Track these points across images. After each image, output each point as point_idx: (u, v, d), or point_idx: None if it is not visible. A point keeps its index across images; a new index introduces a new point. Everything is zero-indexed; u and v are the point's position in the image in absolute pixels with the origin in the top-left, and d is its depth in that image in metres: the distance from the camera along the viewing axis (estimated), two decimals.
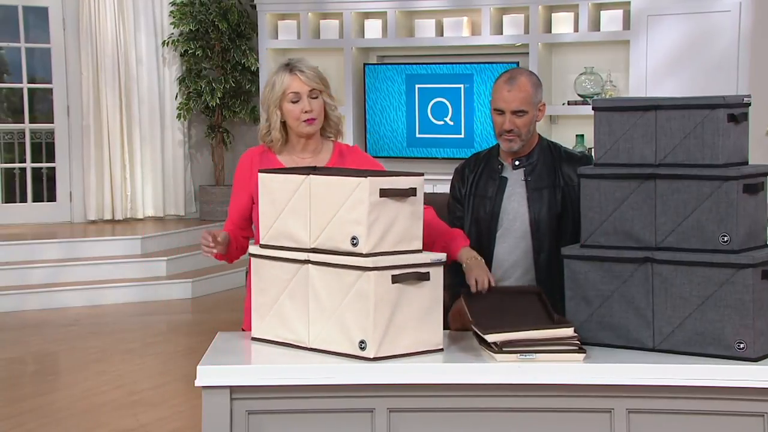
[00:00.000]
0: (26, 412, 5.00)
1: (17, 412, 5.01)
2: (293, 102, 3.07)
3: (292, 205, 2.78)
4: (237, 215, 3.17)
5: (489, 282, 2.96)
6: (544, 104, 3.22)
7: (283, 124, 3.11)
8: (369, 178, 2.63)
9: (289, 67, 3.10)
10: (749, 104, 2.75)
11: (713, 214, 2.67)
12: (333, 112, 3.15)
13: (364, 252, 2.63)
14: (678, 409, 2.63)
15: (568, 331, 2.71)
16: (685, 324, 2.70)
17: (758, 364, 2.62)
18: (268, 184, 2.84)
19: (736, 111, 2.70)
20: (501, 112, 3.17)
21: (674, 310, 2.71)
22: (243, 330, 3.11)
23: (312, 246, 2.75)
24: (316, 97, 3.08)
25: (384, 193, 2.65)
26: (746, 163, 2.77)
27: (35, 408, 5.08)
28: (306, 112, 3.06)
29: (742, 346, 2.63)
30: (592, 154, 2.94)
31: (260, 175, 2.86)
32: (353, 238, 2.65)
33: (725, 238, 2.65)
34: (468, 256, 3.04)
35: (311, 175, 2.75)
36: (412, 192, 2.69)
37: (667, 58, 6.93)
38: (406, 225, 2.69)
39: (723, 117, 2.67)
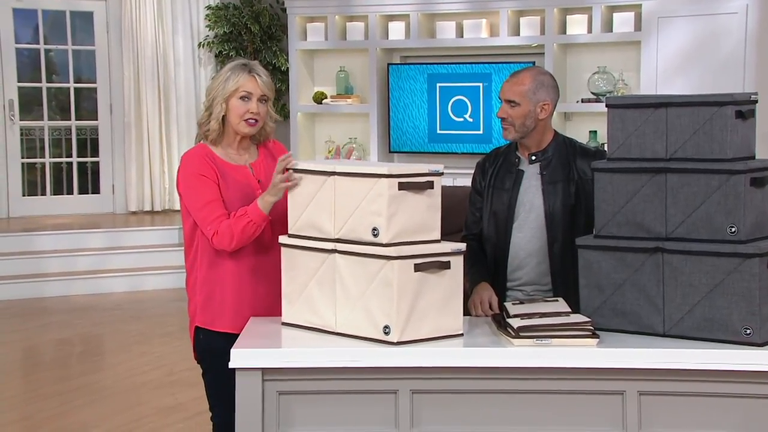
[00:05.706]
0: (74, 390, 5.05)
1: (66, 389, 5.06)
2: (242, 99, 2.99)
3: (318, 197, 2.78)
4: (221, 205, 2.94)
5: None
6: (548, 103, 3.17)
7: (223, 118, 3.03)
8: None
9: (248, 68, 3.03)
10: (756, 101, 2.71)
11: (721, 206, 2.63)
12: (270, 123, 3.09)
13: (384, 242, 2.62)
14: (687, 392, 2.60)
15: (582, 317, 2.69)
16: (694, 311, 2.66)
17: (764, 349, 2.59)
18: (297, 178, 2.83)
19: (743, 108, 2.66)
20: (501, 101, 3.21)
21: (684, 297, 2.67)
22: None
23: (336, 236, 2.74)
24: (264, 103, 3.03)
25: (402, 186, 2.63)
26: (753, 157, 2.73)
27: (82, 386, 5.12)
28: (251, 113, 2.99)
29: (748, 331, 2.60)
30: (606, 149, 2.90)
31: (289, 170, 2.84)
32: (374, 229, 2.64)
33: (733, 229, 2.62)
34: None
35: (335, 171, 2.74)
36: (429, 185, 2.68)
37: (676, 57, 6.86)
38: (424, 216, 2.68)
39: (731, 113, 2.63)
